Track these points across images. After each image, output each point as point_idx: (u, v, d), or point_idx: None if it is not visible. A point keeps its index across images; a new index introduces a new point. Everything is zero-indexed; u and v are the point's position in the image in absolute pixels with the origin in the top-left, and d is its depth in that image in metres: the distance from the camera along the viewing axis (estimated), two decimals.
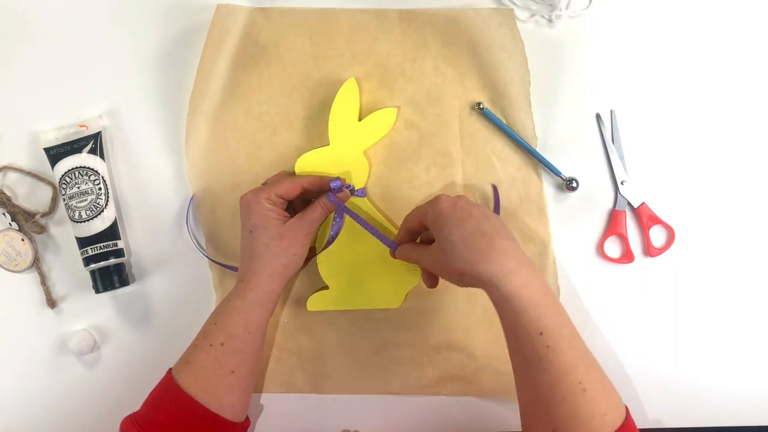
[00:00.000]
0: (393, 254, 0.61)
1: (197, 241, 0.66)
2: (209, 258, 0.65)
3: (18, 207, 0.65)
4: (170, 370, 0.57)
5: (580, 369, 0.49)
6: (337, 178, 0.60)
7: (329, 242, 0.62)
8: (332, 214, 0.62)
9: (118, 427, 0.56)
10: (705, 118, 0.65)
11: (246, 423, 0.60)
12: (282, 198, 0.59)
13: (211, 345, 0.57)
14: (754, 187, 0.65)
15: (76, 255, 0.65)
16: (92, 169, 0.64)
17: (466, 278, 0.52)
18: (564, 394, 0.48)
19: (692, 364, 0.65)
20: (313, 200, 0.61)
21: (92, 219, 0.63)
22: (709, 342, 0.65)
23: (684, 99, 0.65)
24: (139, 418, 0.55)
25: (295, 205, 0.63)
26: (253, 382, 0.60)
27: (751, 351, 0.65)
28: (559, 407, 0.48)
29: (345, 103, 0.62)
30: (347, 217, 0.63)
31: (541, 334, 0.49)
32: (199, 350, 0.57)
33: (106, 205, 0.64)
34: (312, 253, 0.64)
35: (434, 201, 0.55)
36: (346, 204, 0.62)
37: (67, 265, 0.66)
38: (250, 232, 0.59)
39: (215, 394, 0.55)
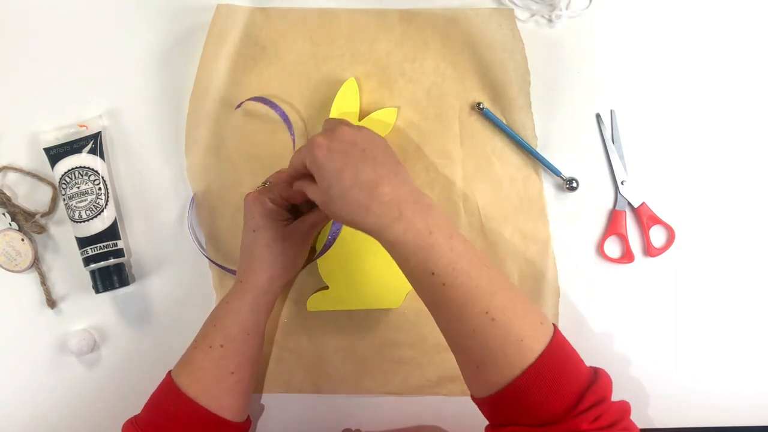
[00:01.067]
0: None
1: (199, 242, 0.66)
2: (210, 260, 0.65)
3: (18, 207, 0.65)
4: (170, 372, 0.57)
5: (485, 299, 0.47)
6: None
7: (327, 247, 0.62)
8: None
9: (118, 427, 0.56)
10: (705, 118, 0.65)
11: (247, 423, 0.60)
12: (287, 200, 0.59)
13: (210, 347, 0.56)
14: (754, 187, 0.65)
15: (76, 255, 0.65)
16: (92, 169, 0.64)
17: (351, 227, 0.50)
18: (473, 327, 0.47)
19: (692, 364, 0.65)
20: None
21: (92, 219, 0.63)
22: (709, 342, 0.65)
23: (684, 99, 0.65)
24: (140, 421, 0.55)
25: (301, 205, 0.62)
26: (253, 383, 0.60)
27: (751, 351, 0.65)
28: (472, 341, 0.47)
29: (345, 102, 0.62)
30: None
31: (433, 274, 0.47)
32: (197, 352, 0.57)
33: (106, 205, 0.64)
34: (312, 254, 0.64)
35: (310, 146, 0.51)
36: None
37: (67, 265, 0.66)
38: (253, 231, 0.58)
39: (215, 396, 0.55)
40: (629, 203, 0.65)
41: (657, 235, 0.65)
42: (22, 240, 0.65)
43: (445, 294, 0.47)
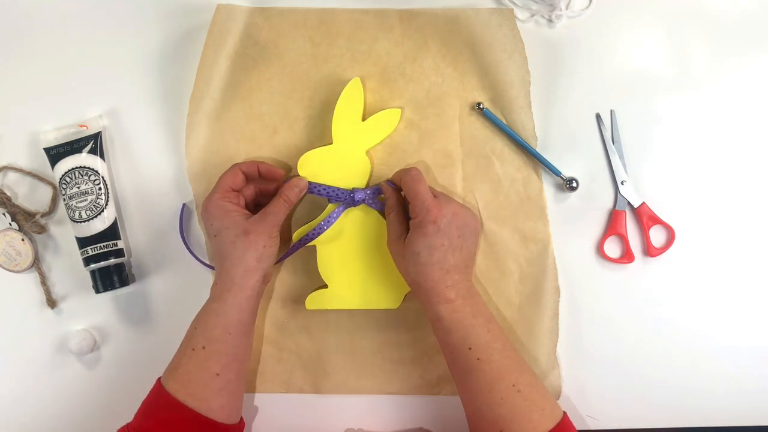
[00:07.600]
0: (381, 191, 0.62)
1: (189, 248, 0.65)
2: (204, 263, 0.65)
3: (18, 207, 0.65)
4: (159, 378, 0.57)
5: (513, 374, 0.55)
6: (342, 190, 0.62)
7: (318, 232, 0.62)
8: (328, 209, 0.62)
9: (117, 427, 0.55)
10: (705, 118, 0.65)
11: (240, 424, 0.59)
12: (233, 189, 0.59)
13: (193, 349, 0.56)
14: (754, 187, 0.65)
15: (76, 255, 0.65)
16: (92, 169, 0.64)
17: (408, 284, 0.59)
18: (502, 395, 0.54)
19: (692, 364, 0.65)
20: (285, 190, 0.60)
21: (92, 219, 0.63)
22: (708, 342, 0.65)
23: (684, 99, 0.65)
24: (132, 429, 0.55)
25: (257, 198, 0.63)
26: (242, 384, 0.60)
27: (751, 351, 0.65)
28: (500, 407, 0.54)
29: (349, 102, 0.62)
30: (350, 216, 0.63)
31: (470, 349, 0.55)
32: (181, 355, 0.57)
33: (106, 205, 0.64)
34: (288, 241, 0.64)
35: (430, 210, 0.56)
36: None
37: (67, 265, 0.66)
38: (215, 236, 0.58)
39: (204, 398, 0.55)
40: (629, 203, 0.65)
41: (657, 235, 0.66)
42: (22, 240, 0.65)
43: (479, 366, 0.55)
